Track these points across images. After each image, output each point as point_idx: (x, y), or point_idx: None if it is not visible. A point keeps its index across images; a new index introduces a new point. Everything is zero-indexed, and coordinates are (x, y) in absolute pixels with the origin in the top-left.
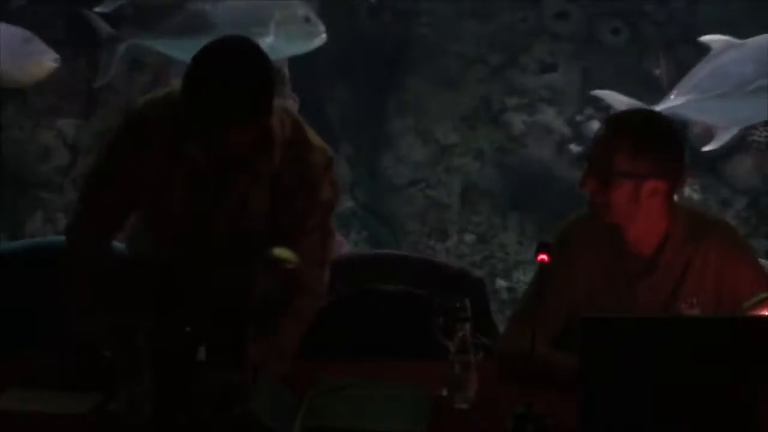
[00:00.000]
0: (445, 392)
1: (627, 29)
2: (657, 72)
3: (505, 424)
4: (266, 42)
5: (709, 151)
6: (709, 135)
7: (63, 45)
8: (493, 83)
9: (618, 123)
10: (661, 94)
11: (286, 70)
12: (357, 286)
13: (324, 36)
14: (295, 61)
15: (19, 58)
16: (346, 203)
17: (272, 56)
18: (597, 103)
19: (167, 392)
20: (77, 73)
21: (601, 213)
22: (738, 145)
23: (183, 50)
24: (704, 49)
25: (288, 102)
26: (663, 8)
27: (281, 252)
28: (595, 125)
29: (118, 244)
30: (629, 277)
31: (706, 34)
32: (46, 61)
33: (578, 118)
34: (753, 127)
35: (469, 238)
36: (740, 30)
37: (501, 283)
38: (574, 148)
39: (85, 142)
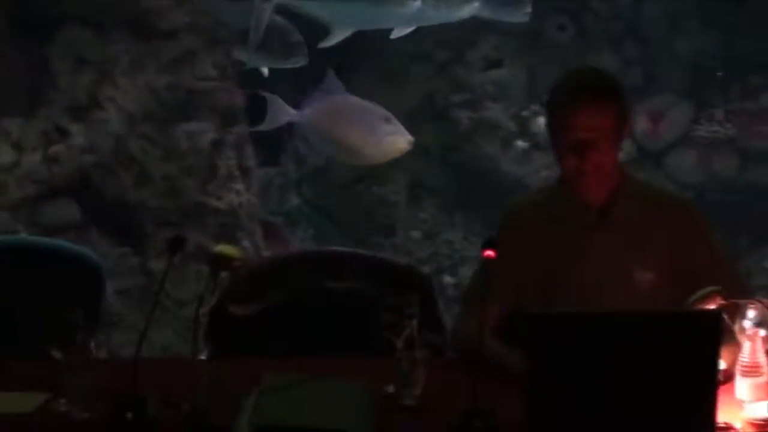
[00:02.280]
0: (392, 389)
1: (572, 25)
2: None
3: (453, 420)
4: (414, 6)
5: (655, 146)
6: (655, 130)
7: (6, 42)
8: (439, 80)
9: (564, 92)
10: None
11: (232, 66)
12: (304, 283)
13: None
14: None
15: (377, 136)
16: (293, 201)
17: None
18: (542, 98)
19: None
20: (21, 72)
21: (582, 184)
22: (683, 140)
23: (332, 13)
24: (650, 46)
25: (233, 98)
26: (608, 4)
27: (226, 248)
28: (541, 121)
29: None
30: (581, 229)
31: (650, 30)
32: (401, 141)
33: (524, 113)
34: (698, 122)
35: (415, 234)
36: (684, 25)
37: (448, 279)
38: (520, 143)
39: (29, 141)
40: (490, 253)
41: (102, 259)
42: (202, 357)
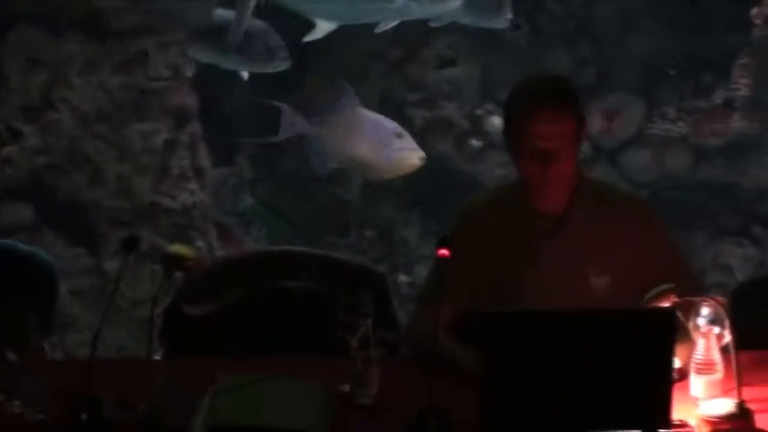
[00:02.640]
0: (347, 388)
1: (526, 24)
2: (556, 67)
3: (408, 419)
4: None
5: (609, 145)
6: (609, 129)
7: None
8: (393, 79)
9: (524, 100)
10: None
11: (185, 66)
12: (258, 283)
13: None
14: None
15: (388, 151)
16: (247, 200)
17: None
18: (496, 97)
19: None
20: None
21: (542, 193)
22: (636, 139)
23: (316, 8)
24: (603, 45)
25: (186, 98)
26: (562, 4)
27: (180, 248)
28: (496, 120)
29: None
30: (537, 237)
31: (603, 29)
32: (413, 156)
33: (478, 112)
34: (651, 120)
35: (370, 233)
36: (636, 24)
37: (402, 278)
38: (475, 142)
39: None
40: (444, 251)
41: (56, 260)
42: (157, 357)
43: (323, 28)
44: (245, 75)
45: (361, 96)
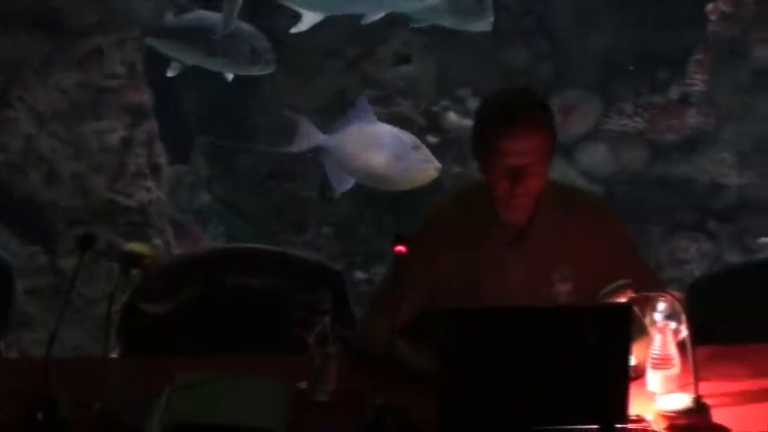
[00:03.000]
0: (305, 385)
1: None
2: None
3: (366, 416)
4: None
5: (565, 140)
6: (565, 124)
7: None
8: (350, 76)
9: (497, 115)
10: (520, 85)
11: (140, 64)
12: (215, 280)
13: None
14: (150, 54)
15: (405, 163)
16: (203, 198)
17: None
18: (453, 94)
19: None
20: None
21: (512, 207)
22: (593, 134)
23: None
24: (561, 41)
25: (142, 96)
26: (519, 0)
27: (136, 246)
28: (452, 116)
29: None
30: (500, 247)
31: (560, 25)
32: (429, 169)
33: (434, 109)
34: (607, 116)
35: (327, 230)
36: (593, 20)
37: (359, 275)
38: (431, 139)
39: None
40: (401, 248)
41: (11, 259)
42: (114, 356)
43: (309, 19)
44: (230, 76)
45: (317, 93)
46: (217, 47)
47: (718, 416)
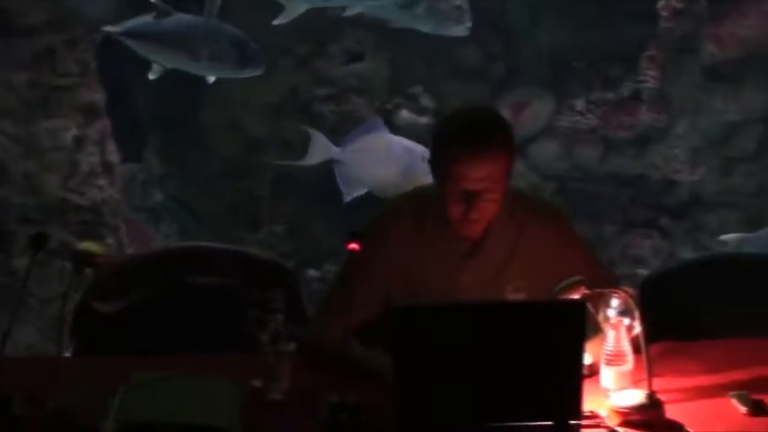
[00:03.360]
0: (258, 383)
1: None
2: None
3: (320, 414)
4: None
5: (518, 137)
6: (517, 122)
7: None
8: (302, 74)
9: (455, 139)
10: (472, 83)
11: (93, 63)
12: (168, 279)
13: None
14: (104, 52)
15: (418, 176)
16: (156, 197)
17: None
18: (405, 91)
19: None
20: None
21: (465, 230)
22: (545, 131)
23: None
24: (513, 39)
25: (94, 94)
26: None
27: (89, 245)
28: (405, 114)
29: None
30: (454, 257)
31: (512, 23)
32: None
33: (387, 106)
34: (559, 113)
35: (279, 228)
36: (545, 18)
37: (312, 273)
38: None
39: None
40: (354, 245)
41: None
42: (67, 355)
43: (293, 10)
44: (211, 78)
45: (269, 91)
46: (202, 51)
47: (671, 412)
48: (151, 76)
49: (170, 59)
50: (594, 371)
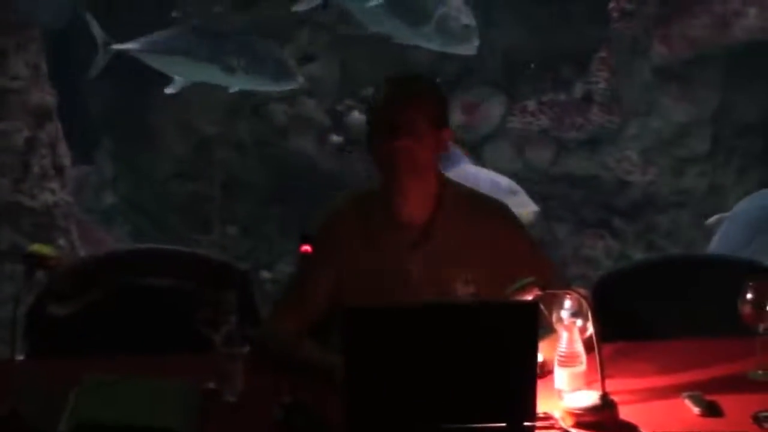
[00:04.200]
0: (213, 385)
1: None
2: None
3: (275, 415)
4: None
5: (470, 138)
6: (470, 122)
7: None
8: None
9: (385, 85)
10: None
11: (44, 65)
12: (121, 280)
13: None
14: (55, 53)
15: None
16: (108, 199)
17: None
18: (357, 93)
19: None
20: None
21: (406, 170)
22: (498, 132)
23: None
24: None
25: (45, 97)
26: None
27: (41, 248)
28: (356, 115)
29: None
30: (401, 248)
31: None
32: (526, 213)
33: (338, 108)
34: (512, 114)
35: (232, 230)
36: (496, 18)
37: (265, 274)
38: (335, 138)
39: None
40: (307, 248)
41: None
42: (20, 358)
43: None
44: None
45: (221, 91)
46: (237, 65)
47: (625, 413)
48: (170, 91)
49: (196, 73)
50: (547, 371)
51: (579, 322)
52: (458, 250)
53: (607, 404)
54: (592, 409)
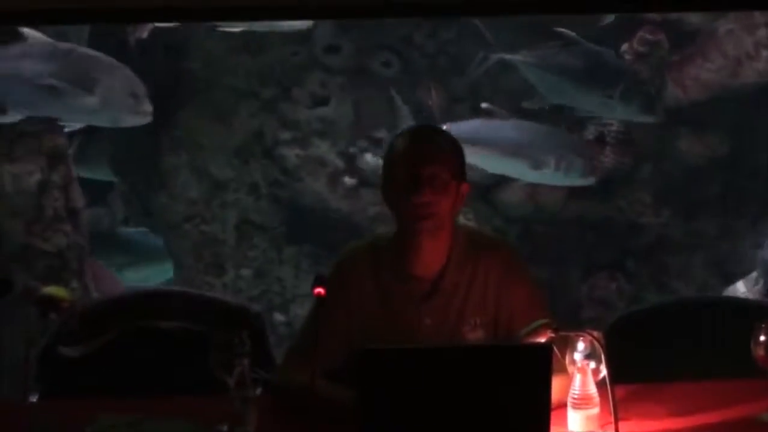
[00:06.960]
0: (225, 428)
1: (398, 61)
2: (429, 103)
3: None
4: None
5: (482, 180)
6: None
7: None
8: (266, 117)
9: (405, 137)
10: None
11: None
12: (133, 322)
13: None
14: None
15: None
16: None
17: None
18: (370, 135)
19: None
20: None
21: (426, 226)
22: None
23: None
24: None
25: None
26: (432, 40)
27: (54, 290)
28: (369, 157)
29: None
30: (413, 300)
31: (473, 64)
32: None
33: (351, 150)
34: None
35: (245, 272)
36: (509, 59)
37: (278, 317)
38: (348, 180)
39: None
40: (320, 290)
41: None
42: (33, 400)
43: None
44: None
45: (233, 133)
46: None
47: None
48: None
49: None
50: (555, 406)
51: (592, 364)
52: (466, 295)
53: None
54: None
